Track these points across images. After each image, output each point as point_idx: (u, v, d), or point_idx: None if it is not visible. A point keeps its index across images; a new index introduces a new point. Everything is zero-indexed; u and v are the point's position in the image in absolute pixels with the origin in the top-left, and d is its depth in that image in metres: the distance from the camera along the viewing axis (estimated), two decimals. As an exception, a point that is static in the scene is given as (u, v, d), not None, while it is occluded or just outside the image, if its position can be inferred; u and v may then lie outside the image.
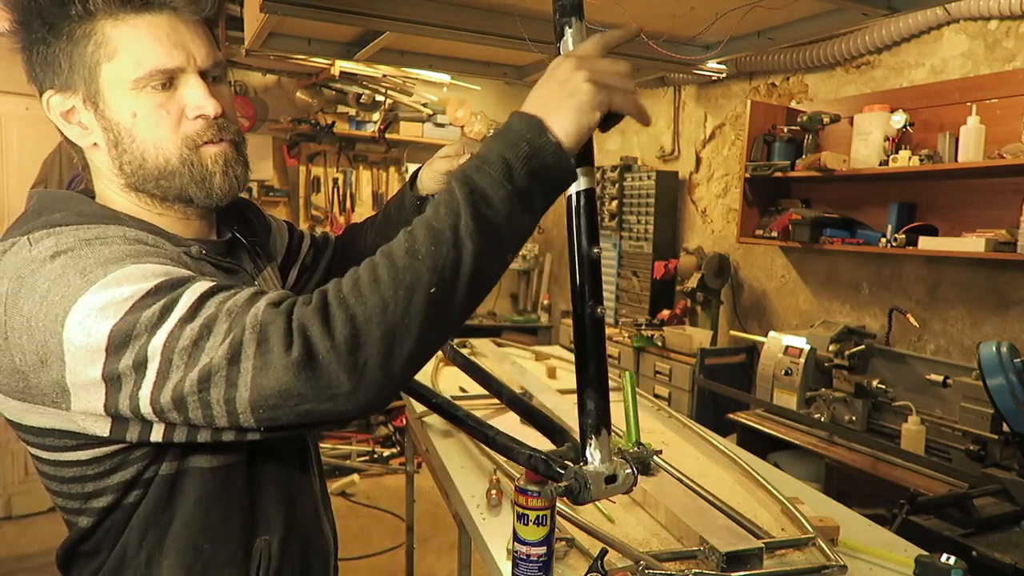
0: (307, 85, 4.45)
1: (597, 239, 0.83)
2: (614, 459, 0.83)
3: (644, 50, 1.65)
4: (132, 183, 0.83)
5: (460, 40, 1.72)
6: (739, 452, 1.66)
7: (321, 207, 4.72)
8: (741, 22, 1.53)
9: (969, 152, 2.45)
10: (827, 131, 3.07)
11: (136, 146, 0.81)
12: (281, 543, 0.89)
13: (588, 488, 0.82)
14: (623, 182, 4.24)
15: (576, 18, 0.81)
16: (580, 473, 0.82)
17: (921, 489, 2.02)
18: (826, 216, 2.98)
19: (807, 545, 1.19)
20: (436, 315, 0.67)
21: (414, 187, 1.22)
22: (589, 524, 1.21)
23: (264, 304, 0.67)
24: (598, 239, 0.83)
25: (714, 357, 3.44)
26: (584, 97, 0.72)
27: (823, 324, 2.78)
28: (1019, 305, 2.56)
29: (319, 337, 0.64)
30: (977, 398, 2.16)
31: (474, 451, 1.59)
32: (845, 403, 2.54)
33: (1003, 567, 1.50)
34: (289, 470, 0.94)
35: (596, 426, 0.82)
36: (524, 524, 1.01)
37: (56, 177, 3.13)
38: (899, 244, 2.65)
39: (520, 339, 4.22)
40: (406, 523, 2.62)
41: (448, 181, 0.72)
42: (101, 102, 0.80)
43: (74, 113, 0.82)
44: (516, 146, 0.71)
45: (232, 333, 0.65)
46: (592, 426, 0.82)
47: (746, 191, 3.30)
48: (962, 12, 2.63)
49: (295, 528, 0.92)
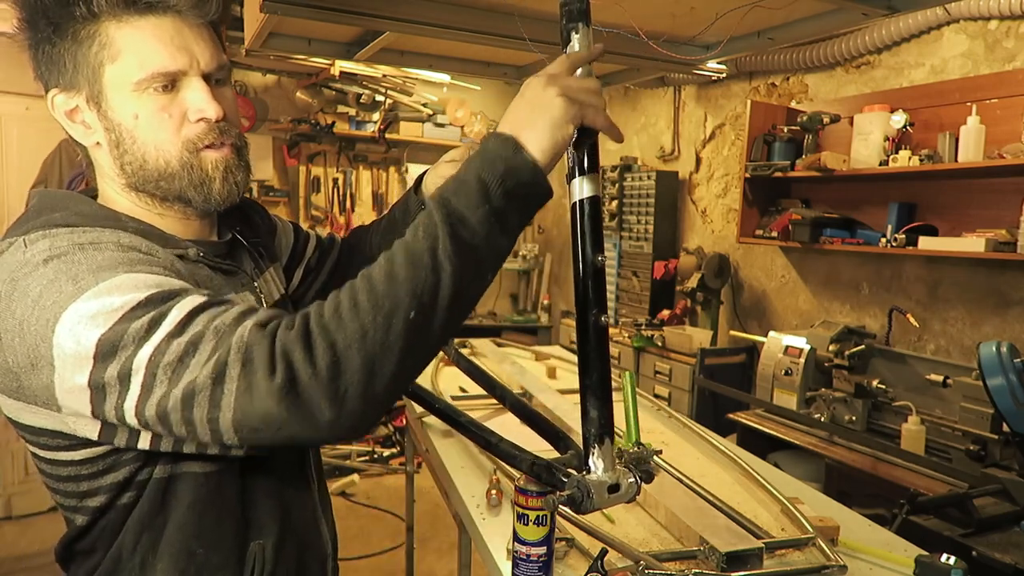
0: (307, 85, 4.45)
1: (601, 247, 0.83)
2: (617, 468, 0.83)
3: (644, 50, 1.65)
4: (133, 183, 0.84)
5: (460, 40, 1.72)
6: (739, 452, 1.66)
7: (321, 207, 4.72)
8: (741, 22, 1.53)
9: (969, 152, 2.45)
10: (827, 131, 3.07)
11: (137, 147, 0.81)
12: (275, 547, 0.89)
13: (591, 497, 0.81)
14: (623, 182, 4.24)
15: (583, 23, 0.82)
16: (583, 482, 0.82)
17: (921, 489, 2.02)
18: (826, 216, 2.98)
19: (807, 545, 1.19)
20: (416, 340, 0.67)
21: (419, 191, 1.22)
22: (589, 524, 1.21)
23: (251, 325, 0.67)
24: (602, 247, 0.83)
25: (714, 357, 3.44)
26: (556, 112, 0.73)
27: (823, 324, 2.78)
28: (1019, 305, 2.56)
29: (301, 364, 0.64)
30: (977, 398, 2.16)
31: (474, 451, 1.59)
32: (845, 403, 2.54)
33: (1003, 567, 1.50)
34: (285, 475, 0.94)
35: (599, 435, 0.82)
36: (524, 524, 1.01)
37: (56, 177, 3.13)
38: (899, 244, 2.65)
39: (520, 339, 4.22)
40: (406, 523, 2.62)
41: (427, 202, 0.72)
42: (104, 102, 0.80)
43: (78, 112, 0.82)
44: (492, 165, 0.71)
45: (218, 352, 0.65)
46: (595, 435, 0.82)
47: (746, 191, 3.30)
48: (962, 12, 2.63)
49: (290, 532, 0.92)
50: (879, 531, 1.34)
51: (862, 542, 1.24)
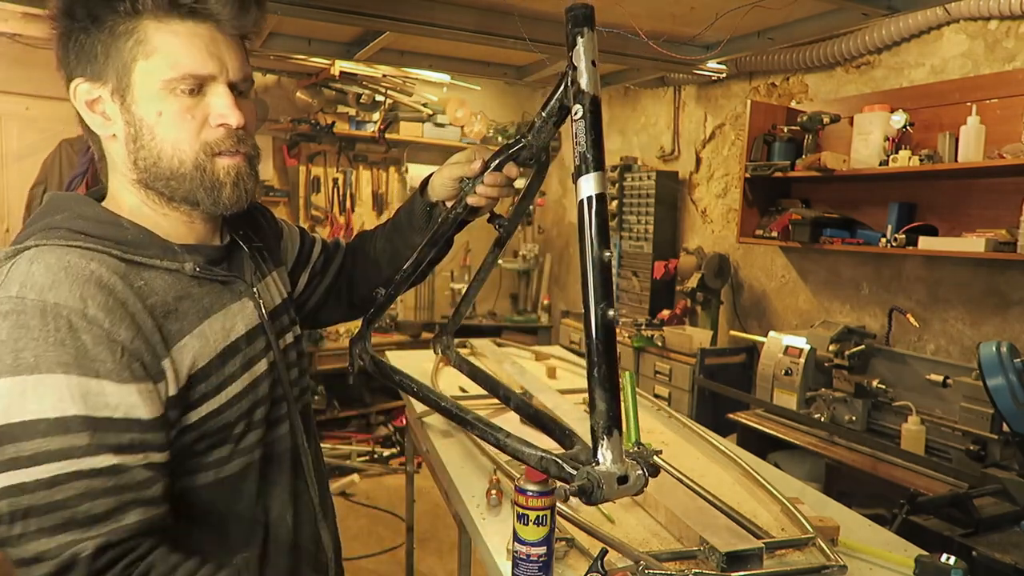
0: (307, 85, 4.45)
1: (608, 242, 0.84)
2: (625, 460, 0.83)
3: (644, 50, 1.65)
4: (143, 179, 0.85)
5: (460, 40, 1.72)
6: (739, 452, 1.66)
7: (321, 207, 4.72)
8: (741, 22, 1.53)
9: (969, 152, 2.45)
10: (827, 131, 3.07)
11: (155, 144, 0.82)
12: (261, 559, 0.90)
13: (601, 488, 0.82)
14: (623, 182, 4.24)
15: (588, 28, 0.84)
16: (592, 473, 0.82)
17: (921, 489, 2.02)
18: (826, 216, 2.98)
19: (807, 545, 1.19)
20: None
21: (424, 193, 1.22)
22: (589, 524, 1.21)
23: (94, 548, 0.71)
24: (609, 242, 0.84)
25: (714, 357, 3.44)
26: None
27: (823, 324, 2.78)
28: (1019, 305, 2.56)
29: None
30: (977, 398, 2.16)
31: (474, 451, 1.59)
32: (845, 403, 2.54)
33: (1003, 567, 1.50)
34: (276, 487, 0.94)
35: (607, 427, 0.82)
36: (524, 524, 1.01)
37: (56, 177, 3.13)
38: (899, 244, 2.65)
39: (520, 339, 4.23)
40: (406, 523, 2.62)
41: None
42: (129, 96, 0.81)
43: (99, 103, 0.83)
44: None
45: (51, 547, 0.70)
46: (604, 427, 0.82)
47: (746, 191, 3.30)
48: (962, 12, 2.63)
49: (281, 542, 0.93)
50: (879, 531, 1.34)
51: (862, 542, 1.24)
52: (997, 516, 1.67)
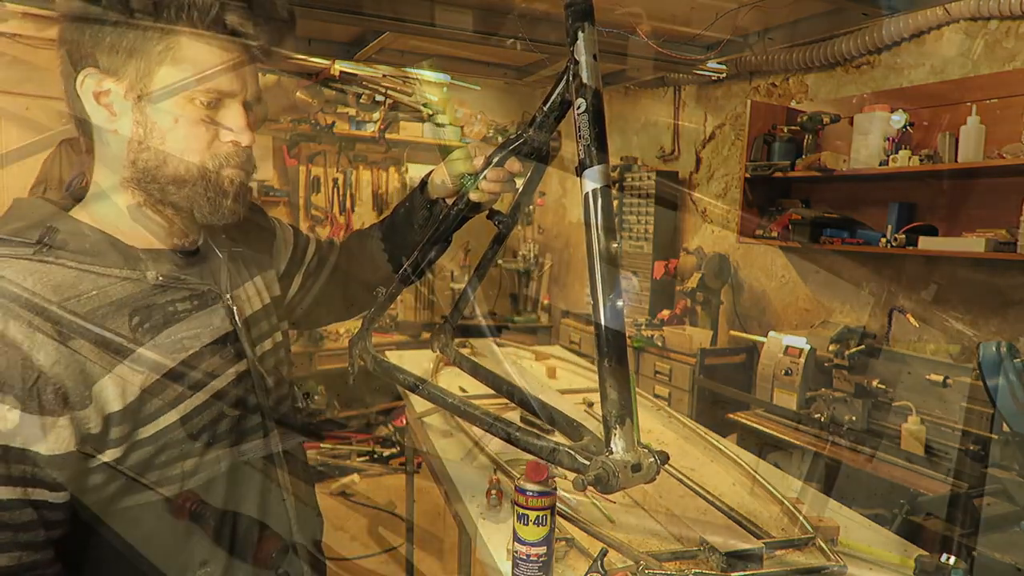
0: (307, 85, 4.45)
1: (614, 234, 0.85)
2: (637, 448, 0.83)
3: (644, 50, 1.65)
4: (138, 179, 0.84)
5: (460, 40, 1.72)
6: (739, 452, 1.66)
7: (321, 207, 4.72)
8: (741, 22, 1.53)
9: (969, 152, 2.45)
10: (827, 131, 3.07)
11: (163, 148, 0.82)
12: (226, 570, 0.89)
13: (616, 477, 0.81)
14: (623, 182, 4.24)
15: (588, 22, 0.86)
16: (607, 463, 0.82)
17: (921, 489, 2.03)
18: (826, 216, 2.98)
19: (807, 545, 1.19)
20: None
21: (424, 191, 1.22)
22: (589, 524, 1.21)
23: None
24: (615, 234, 0.85)
25: (714, 357, 3.44)
26: None
27: (823, 324, 2.79)
28: (1019, 305, 2.56)
29: None
30: (977, 398, 2.16)
31: (474, 451, 1.59)
32: (845, 403, 2.54)
33: (1003, 567, 1.50)
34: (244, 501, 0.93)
35: (620, 416, 0.82)
36: (524, 524, 1.01)
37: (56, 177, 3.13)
38: (899, 244, 2.64)
39: (520, 339, 4.22)
40: (406, 523, 2.62)
41: None
42: (146, 97, 0.81)
43: (107, 95, 0.82)
44: None
45: None
46: (616, 416, 0.82)
47: (746, 191, 3.29)
48: (962, 12, 2.63)
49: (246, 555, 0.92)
50: (879, 531, 1.34)
51: (862, 542, 1.24)
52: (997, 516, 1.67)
